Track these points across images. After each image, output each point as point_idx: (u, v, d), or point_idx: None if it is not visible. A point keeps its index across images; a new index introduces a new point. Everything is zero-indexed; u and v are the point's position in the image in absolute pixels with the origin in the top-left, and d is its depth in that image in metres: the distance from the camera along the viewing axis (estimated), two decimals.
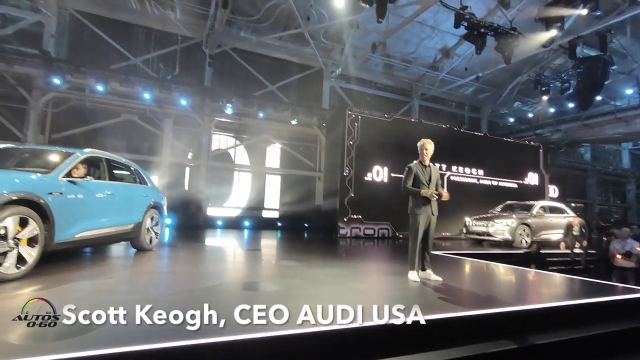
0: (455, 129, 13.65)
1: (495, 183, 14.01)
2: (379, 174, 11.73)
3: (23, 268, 3.17)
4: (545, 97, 15.82)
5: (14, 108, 10.95)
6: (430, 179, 4.34)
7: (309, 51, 14.14)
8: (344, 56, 13.85)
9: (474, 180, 13.57)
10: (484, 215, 10.57)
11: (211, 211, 13.20)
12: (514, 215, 10.09)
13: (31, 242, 3.26)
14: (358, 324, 2.36)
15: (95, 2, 11.83)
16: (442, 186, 4.60)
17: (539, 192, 14.54)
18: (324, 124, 13.94)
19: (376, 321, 2.43)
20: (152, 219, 5.58)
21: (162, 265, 4.90)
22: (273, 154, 15.05)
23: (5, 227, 2.99)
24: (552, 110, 17.54)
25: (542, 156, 15.23)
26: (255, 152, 14.66)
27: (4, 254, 3.01)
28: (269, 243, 8.55)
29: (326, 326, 2.30)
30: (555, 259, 8.37)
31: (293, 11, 12.20)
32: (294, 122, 13.24)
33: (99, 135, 11.55)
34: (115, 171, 4.96)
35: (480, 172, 13.73)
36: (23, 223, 3.16)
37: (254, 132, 14.21)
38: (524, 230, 9.79)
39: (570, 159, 20.13)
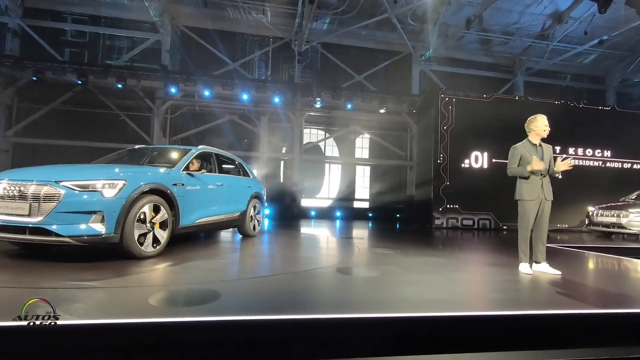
0: (572, 104, 11.78)
1: (627, 166, 11.76)
2: (477, 159, 10.83)
3: (158, 247, 3.77)
4: None
5: (142, 116, 12.99)
6: (545, 160, 3.82)
7: (396, 36, 13.67)
8: (435, 36, 13.01)
9: (599, 164, 11.59)
10: (614, 204, 8.95)
11: (305, 202, 13.83)
12: None
13: (162, 225, 3.84)
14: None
15: (199, 16, 13.25)
16: None
17: None
18: (414, 111, 13.39)
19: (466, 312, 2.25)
20: (254, 207, 6.09)
21: (264, 250, 5.32)
22: (362, 145, 15.04)
23: (144, 213, 3.58)
24: None
25: None
26: (344, 143, 14.84)
27: (144, 234, 3.60)
28: (361, 232, 8.59)
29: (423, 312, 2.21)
30: None
31: None
32: (382, 110, 13.00)
33: (208, 135, 12.99)
34: (223, 165, 5.54)
35: (607, 153, 11.65)
36: (156, 209, 3.75)
37: (342, 124, 14.37)
38: None
39: None
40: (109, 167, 4.06)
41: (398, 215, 13.79)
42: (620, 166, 11.74)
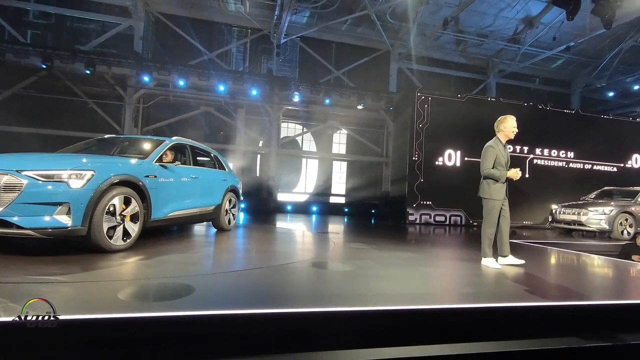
0: (540, 107, 12.30)
1: (588, 167, 12.43)
2: (451, 158, 11.13)
3: (128, 241, 3.65)
4: None
5: (113, 105, 12.47)
6: (507, 161, 4.03)
7: (375, 34, 13.77)
8: (413, 35, 13.20)
9: (562, 164, 12.19)
10: (575, 203, 9.46)
11: (281, 196, 13.76)
12: (612, 203, 8.87)
13: (133, 218, 3.72)
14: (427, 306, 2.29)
15: (175, 3, 12.80)
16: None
17: None
18: (391, 108, 13.57)
19: (439, 305, 2.34)
20: (230, 201, 6.00)
21: (239, 244, 5.27)
22: (340, 140, 15.11)
23: (114, 205, 3.46)
24: None
25: None
26: (322, 138, 14.86)
27: (114, 227, 3.48)
28: (337, 227, 8.66)
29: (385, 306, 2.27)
30: None
31: None
32: (360, 107, 13.09)
33: (182, 126, 12.63)
34: (198, 157, 5.42)
35: (570, 154, 12.27)
36: (126, 202, 3.62)
37: (320, 119, 14.36)
38: (625, 220, 8.57)
39: None
40: (76, 157, 3.88)
41: (373, 211, 13.99)
42: (582, 167, 12.40)
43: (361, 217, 12.58)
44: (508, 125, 4.04)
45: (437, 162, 11.04)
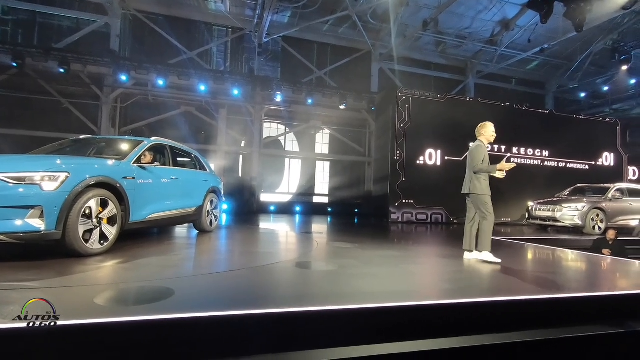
0: (517, 107, 12.67)
1: (562, 165, 12.89)
2: (431, 157, 11.32)
3: (105, 244, 3.55)
4: (625, 67, 14.04)
5: (89, 104, 12.09)
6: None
7: (356, 34, 13.87)
8: (393, 36, 13.37)
9: (538, 162, 12.59)
10: (550, 200, 9.79)
11: (264, 197, 13.68)
12: (584, 199, 9.22)
13: (110, 221, 3.62)
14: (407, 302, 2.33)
15: (153, 1, 12.53)
16: None
17: (615, 174, 13.13)
18: (373, 108, 13.69)
19: (422, 301, 2.38)
20: (211, 202, 5.92)
21: (221, 245, 5.20)
22: (322, 140, 15.13)
23: (90, 207, 3.35)
24: (633, 81, 15.52)
25: (620, 134, 13.67)
26: (304, 138, 14.84)
27: (90, 231, 3.38)
28: (320, 227, 8.67)
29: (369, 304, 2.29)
30: (637, 247, 7.53)
31: None
32: (342, 107, 13.16)
33: (161, 127, 12.37)
34: (178, 158, 5.33)
35: (545, 153, 12.70)
36: (103, 204, 3.52)
37: (303, 119, 14.36)
38: (597, 216, 8.92)
39: None
40: (49, 158, 3.74)
41: (356, 210, 14.08)
42: (556, 165, 12.84)
43: (344, 217, 12.64)
44: (489, 131, 4.30)
45: (418, 162, 11.21)
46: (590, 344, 2.40)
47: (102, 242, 3.51)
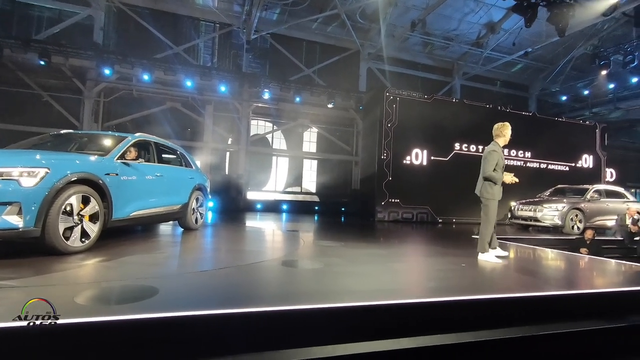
0: (501, 108, 12.91)
1: (544, 166, 13.21)
2: (418, 157, 11.44)
3: (87, 242, 3.47)
4: (604, 72, 14.44)
5: (71, 98, 11.78)
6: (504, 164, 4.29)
7: (345, 33, 13.89)
8: (382, 36, 13.44)
9: (520, 163, 12.87)
10: (532, 200, 10.02)
11: (250, 195, 13.60)
12: (564, 200, 9.48)
13: (92, 218, 3.55)
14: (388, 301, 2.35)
15: None
16: None
17: (594, 176, 13.53)
18: (360, 107, 13.74)
19: (405, 299, 2.42)
20: (197, 200, 5.86)
21: (207, 243, 5.15)
22: (310, 139, 15.13)
23: (71, 204, 3.27)
24: (611, 86, 16.02)
25: (599, 137, 14.09)
26: (292, 136, 14.81)
27: (71, 228, 3.30)
28: (307, 225, 8.68)
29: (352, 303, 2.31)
30: (612, 246, 7.80)
31: None
32: (330, 105, 13.18)
33: (146, 123, 12.15)
34: (163, 155, 5.24)
35: (528, 154, 12.99)
36: (85, 201, 3.44)
37: (290, 117, 14.32)
38: (576, 216, 9.18)
39: (632, 139, 18.37)
40: (28, 153, 3.63)
41: (343, 209, 14.14)
42: (538, 166, 13.16)
43: (331, 215, 12.67)
44: (508, 132, 4.28)
45: (404, 161, 11.31)
46: (568, 339, 2.48)
47: (83, 239, 3.43)
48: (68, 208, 3.24)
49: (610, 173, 14.38)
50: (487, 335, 2.29)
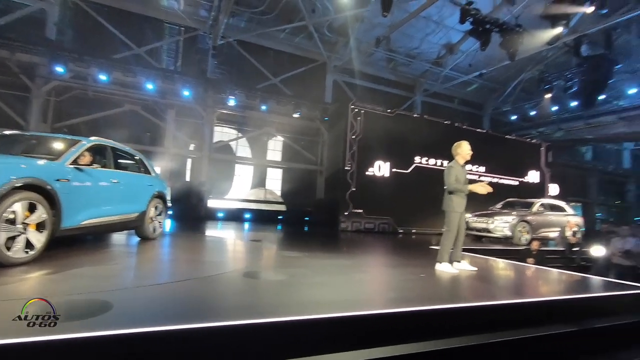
0: (457, 125, 13.64)
1: (496, 180, 14.05)
2: (380, 168, 11.75)
3: (31, 253, 3.20)
4: (548, 95, 15.77)
5: (17, 96, 10.92)
6: (466, 179, 4.48)
7: (312, 45, 14.10)
8: (348, 50, 13.79)
9: (475, 177, 13.60)
10: (485, 212, 10.60)
11: (212, 203, 13.23)
12: (514, 212, 10.11)
13: (39, 227, 3.29)
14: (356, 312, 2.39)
15: None
16: None
17: (539, 190, 14.61)
18: (326, 118, 13.93)
19: (373, 310, 2.47)
20: (156, 208, 5.61)
21: (165, 254, 4.95)
22: (275, 147, 15.06)
23: (14, 212, 3.02)
24: (554, 108, 17.49)
25: (544, 154, 15.27)
26: (256, 145, 14.67)
27: (13, 238, 3.03)
28: (270, 235, 8.59)
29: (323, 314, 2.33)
30: (555, 256, 8.42)
31: (298, 3, 12.14)
32: (296, 115, 13.24)
33: (102, 125, 11.51)
34: (120, 160, 4.99)
35: (482, 169, 13.76)
36: (31, 208, 3.19)
37: (256, 124, 14.20)
38: (523, 227, 9.82)
39: (572, 158, 20.14)
40: None
41: (307, 218, 14.13)
42: (491, 180, 13.97)
43: (295, 225, 12.63)
44: (464, 150, 4.52)
45: (368, 172, 11.58)
46: (511, 347, 2.64)
47: (27, 250, 3.17)
48: (11, 216, 2.99)
49: (553, 188, 15.58)
50: (447, 343, 2.38)
